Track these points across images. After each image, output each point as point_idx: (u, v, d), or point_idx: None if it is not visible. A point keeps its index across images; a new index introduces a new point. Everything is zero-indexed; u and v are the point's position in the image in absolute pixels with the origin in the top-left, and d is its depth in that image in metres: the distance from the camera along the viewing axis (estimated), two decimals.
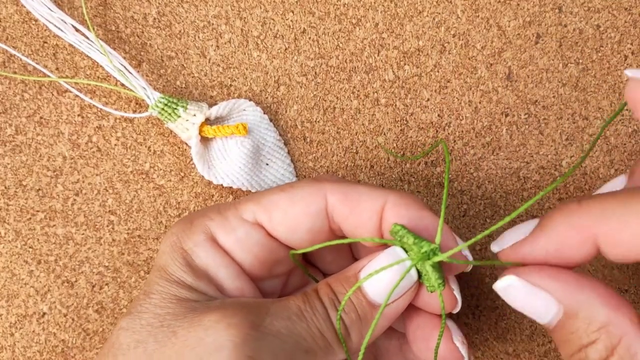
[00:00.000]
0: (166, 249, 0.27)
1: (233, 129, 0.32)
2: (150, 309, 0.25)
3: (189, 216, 0.28)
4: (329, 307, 0.25)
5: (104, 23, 0.34)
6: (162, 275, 0.26)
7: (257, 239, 0.27)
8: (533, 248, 0.24)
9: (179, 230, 0.27)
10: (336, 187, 0.27)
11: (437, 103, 0.34)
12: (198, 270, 0.27)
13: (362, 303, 0.25)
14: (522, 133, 0.34)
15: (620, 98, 0.35)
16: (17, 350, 0.33)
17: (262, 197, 0.27)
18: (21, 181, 0.34)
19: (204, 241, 0.27)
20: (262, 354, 0.23)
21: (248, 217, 0.27)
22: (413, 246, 0.24)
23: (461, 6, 0.35)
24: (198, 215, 0.28)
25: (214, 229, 0.27)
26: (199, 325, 0.24)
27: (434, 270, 0.25)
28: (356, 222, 0.26)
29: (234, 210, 0.27)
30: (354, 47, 0.35)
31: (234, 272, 0.27)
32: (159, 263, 0.27)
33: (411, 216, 0.26)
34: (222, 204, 0.29)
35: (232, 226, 0.27)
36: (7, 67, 0.34)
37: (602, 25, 0.35)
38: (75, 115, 0.34)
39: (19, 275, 0.33)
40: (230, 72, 0.34)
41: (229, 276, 0.27)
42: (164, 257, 0.27)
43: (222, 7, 0.35)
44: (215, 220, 0.27)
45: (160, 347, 0.24)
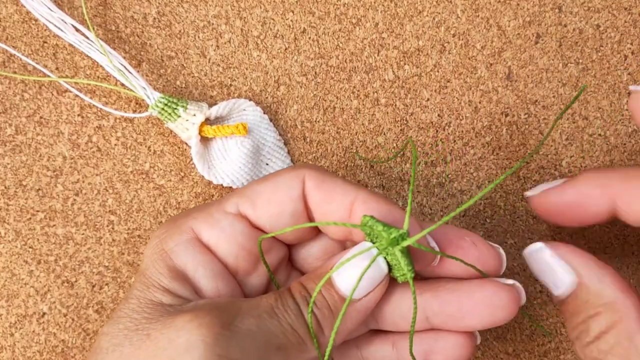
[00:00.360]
0: (148, 252, 0.28)
1: (233, 128, 0.32)
2: (128, 314, 0.26)
3: (174, 217, 0.28)
4: (301, 303, 0.26)
5: (104, 23, 0.34)
6: (141, 279, 0.27)
7: (241, 228, 0.27)
8: (561, 195, 0.28)
9: (161, 232, 0.28)
10: (314, 174, 0.27)
11: (437, 103, 0.35)
12: (176, 271, 0.27)
13: (334, 298, 0.26)
14: (522, 133, 0.34)
15: (620, 98, 0.35)
16: (17, 350, 0.33)
17: (245, 189, 0.28)
18: (21, 181, 0.33)
19: (185, 240, 0.27)
20: (233, 352, 0.23)
21: (231, 209, 0.28)
22: (382, 232, 0.25)
23: (461, 6, 0.35)
24: (182, 216, 0.28)
25: (197, 226, 0.27)
26: (171, 326, 0.24)
27: (403, 256, 0.25)
28: (327, 210, 0.27)
29: (217, 205, 0.28)
30: (354, 47, 0.35)
31: (213, 271, 0.27)
32: (141, 267, 0.28)
33: (380, 209, 0.26)
34: (205, 203, 0.29)
35: (215, 219, 0.27)
36: (7, 67, 0.34)
37: (602, 25, 0.35)
38: (75, 115, 0.34)
39: (19, 275, 0.33)
40: (230, 72, 0.34)
41: (206, 275, 0.27)
42: (145, 261, 0.28)
43: (222, 7, 0.35)
44: (198, 218, 0.28)
45: (135, 350, 0.24)
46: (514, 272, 0.34)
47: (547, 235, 0.34)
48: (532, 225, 0.34)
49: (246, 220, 0.28)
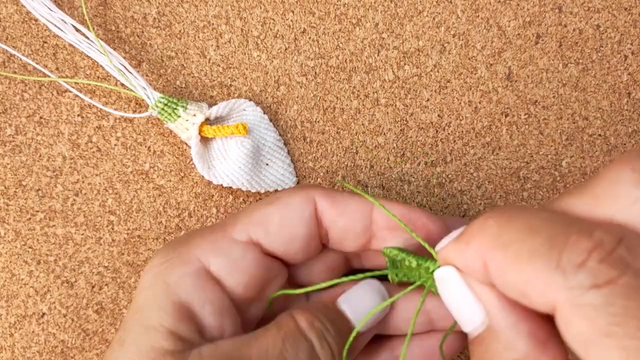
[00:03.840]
0: (147, 284, 0.25)
1: (233, 129, 0.32)
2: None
3: (172, 244, 0.26)
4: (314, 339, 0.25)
5: (104, 23, 0.34)
6: (139, 319, 0.24)
7: (253, 258, 0.26)
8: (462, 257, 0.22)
9: (161, 261, 0.26)
10: (323, 192, 0.27)
11: (437, 103, 0.34)
12: (180, 308, 0.25)
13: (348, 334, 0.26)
14: (522, 133, 0.34)
15: (620, 98, 0.35)
16: (16, 350, 0.33)
17: (252, 214, 0.26)
18: (21, 181, 0.33)
19: (192, 272, 0.25)
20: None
21: (241, 237, 0.26)
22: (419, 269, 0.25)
23: (461, 6, 0.35)
24: (182, 243, 0.26)
25: (204, 256, 0.26)
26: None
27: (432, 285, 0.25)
28: (345, 224, 0.26)
29: (222, 232, 0.26)
30: (354, 47, 0.35)
31: (220, 307, 0.25)
32: (137, 302, 0.25)
33: (401, 211, 0.26)
34: (205, 228, 0.27)
35: (224, 249, 0.26)
36: (7, 67, 0.34)
37: (602, 25, 0.35)
38: (75, 115, 0.34)
39: (19, 275, 0.33)
40: (230, 72, 0.34)
41: (214, 312, 0.25)
42: (142, 295, 0.25)
43: (222, 7, 0.35)
44: (203, 246, 0.26)
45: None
46: None
47: None
48: None
49: (258, 248, 0.26)
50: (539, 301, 0.19)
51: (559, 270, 0.18)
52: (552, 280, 0.18)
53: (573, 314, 0.17)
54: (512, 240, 0.19)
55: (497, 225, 0.20)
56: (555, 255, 0.18)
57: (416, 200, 0.34)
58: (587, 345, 0.17)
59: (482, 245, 0.21)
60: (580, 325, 0.17)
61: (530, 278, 0.19)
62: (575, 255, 0.18)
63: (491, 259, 0.20)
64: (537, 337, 0.20)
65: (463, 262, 0.22)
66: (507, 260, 0.19)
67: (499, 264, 0.20)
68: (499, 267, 0.20)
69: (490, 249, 0.20)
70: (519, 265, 0.19)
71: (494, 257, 0.20)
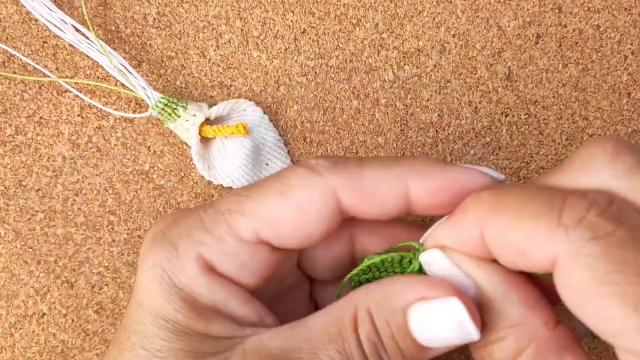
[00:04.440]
0: (154, 286, 0.23)
1: (233, 129, 0.32)
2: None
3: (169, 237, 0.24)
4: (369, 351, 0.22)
5: (104, 23, 0.34)
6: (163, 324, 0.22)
7: (263, 259, 0.24)
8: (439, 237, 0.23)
9: (162, 260, 0.23)
10: (344, 182, 0.23)
11: (437, 103, 0.35)
12: (205, 310, 0.23)
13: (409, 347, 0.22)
14: (522, 133, 0.34)
15: (620, 98, 0.35)
16: (17, 350, 0.33)
17: (260, 209, 0.23)
18: (21, 181, 0.33)
19: (201, 273, 0.23)
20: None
21: (247, 235, 0.23)
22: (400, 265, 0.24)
23: (461, 6, 0.35)
24: (181, 237, 0.24)
25: (208, 255, 0.23)
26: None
27: None
28: (378, 212, 0.24)
29: (226, 227, 0.23)
30: (354, 47, 0.35)
31: (243, 298, 0.23)
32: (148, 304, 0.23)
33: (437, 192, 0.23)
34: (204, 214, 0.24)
35: (232, 250, 0.23)
36: (7, 67, 0.34)
37: (602, 26, 0.35)
38: (75, 115, 0.34)
39: (19, 275, 0.33)
40: (230, 72, 0.34)
41: (240, 304, 0.23)
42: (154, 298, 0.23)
43: (222, 7, 0.35)
44: (206, 243, 0.23)
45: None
46: None
47: None
48: None
49: (268, 247, 0.24)
50: (539, 258, 0.19)
51: (560, 226, 0.19)
52: (554, 236, 0.19)
53: (574, 265, 0.18)
54: (510, 205, 0.20)
55: (491, 196, 0.21)
56: (555, 214, 0.19)
57: None
58: (587, 295, 0.18)
59: (479, 213, 0.21)
60: (581, 275, 0.18)
61: (531, 236, 0.19)
62: (574, 212, 0.19)
63: (489, 224, 0.21)
64: (528, 303, 0.21)
65: (457, 237, 0.22)
66: (508, 221, 0.20)
67: (499, 227, 0.20)
68: (498, 230, 0.20)
69: (488, 215, 0.21)
70: (520, 225, 0.20)
71: (493, 221, 0.21)
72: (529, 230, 0.20)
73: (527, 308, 0.21)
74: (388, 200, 0.23)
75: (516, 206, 0.20)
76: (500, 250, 0.21)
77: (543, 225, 0.19)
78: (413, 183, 0.23)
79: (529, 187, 0.21)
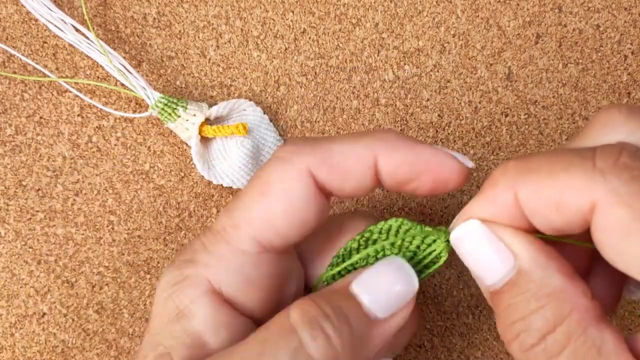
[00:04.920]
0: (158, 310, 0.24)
1: (233, 129, 0.32)
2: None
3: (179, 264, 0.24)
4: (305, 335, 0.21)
5: (104, 23, 0.34)
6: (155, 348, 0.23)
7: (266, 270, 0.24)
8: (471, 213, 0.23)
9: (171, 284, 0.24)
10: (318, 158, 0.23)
11: (437, 103, 0.35)
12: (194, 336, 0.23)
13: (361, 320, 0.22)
14: (522, 133, 0.34)
15: (620, 98, 0.35)
16: (17, 350, 0.33)
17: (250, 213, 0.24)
18: (21, 181, 0.33)
19: (202, 295, 0.23)
20: None
21: (248, 246, 0.24)
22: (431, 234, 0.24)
23: (461, 6, 0.35)
24: (189, 264, 0.24)
25: (213, 278, 0.23)
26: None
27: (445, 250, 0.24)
28: (351, 187, 0.24)
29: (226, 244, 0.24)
30: (354, 47, 0.35)
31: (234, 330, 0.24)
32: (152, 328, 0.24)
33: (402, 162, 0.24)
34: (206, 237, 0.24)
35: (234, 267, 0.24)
36: (7, 67, 0.34)
37: (602, 25, 0.35)
38: (75, 115, 0.34)
39: (19, 275, 0.33)
40: (230, 72, 0.34)
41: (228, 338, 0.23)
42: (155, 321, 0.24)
43: (222, 7, 0.35)
44: (210, 265, 0.24)
45: None
46: None
47: None
48: None
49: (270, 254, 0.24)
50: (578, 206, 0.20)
51: (596, 171, 0.19)
52: (591, 180, 0.19)
53: (615, 205, 0.19)
54: (541, 165, 0.21)
55: (520, 161, 0.21)
56: (589, 162, 0.20)
57: (416, 200, 0.34)
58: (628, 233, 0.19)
59: (511, 178, 0.21)
60: (622, 214, 0.19)
61: (568, 185, 0.20)
62: (607, 157, 0.20)
63: (523, 185, 0.21)
64: (566, 273, 0.21)
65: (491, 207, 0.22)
66: (541, 178, 0.21)
67: (533, 185, 0.21)
68: (533, 189, 0.21)
69: (520, 177, 0.21)
70: (555, 178, 0.20)
71: (526, 182, 0.21)
72: (564, 181, 0.20)
73: (567, 278, 0.21)
74: (358, 171, 0.24)
75: (547, 164, 0.21)
76: (536, 210, 0.21)
77: (578, 173, 0.20)
78: (380, 153, 0.23)
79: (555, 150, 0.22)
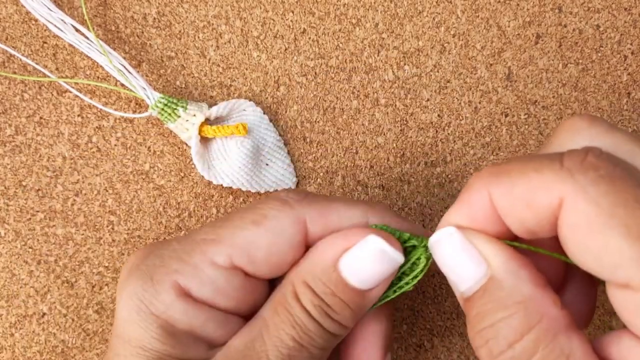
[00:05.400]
0: (131, 317, 0.24)
1: (233, 129, 0.32)
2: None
3: (143, 268, 0.25)
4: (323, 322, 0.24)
5: (104, 23, 0.34)
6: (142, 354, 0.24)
7: (237, 283, 0.25)
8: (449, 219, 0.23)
9: (138, 290, 0.24)
10: (315, 212, 0.25)
11: (437, 103, 0.35)
12: (181, 335, 0.24)
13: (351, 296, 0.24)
14: (522, 133, 0.34)
15: (620, 98, 0.35)
16: (17, 350, 0.33)
17: (234, 236, 0.25)
18: (21, 181, 0.33)
19: (176, 300, 0.24)
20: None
21: (222, 261, 0.25)
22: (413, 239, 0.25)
23: (461, 6, 0.35)
24: (158, 269, 0.25)
25: (183, 282, 0.24)
26: None
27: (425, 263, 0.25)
28: None
29: (200, 255, 0.25)
30: (354, 47, 0.35)
31: (220, 320, 0.25)
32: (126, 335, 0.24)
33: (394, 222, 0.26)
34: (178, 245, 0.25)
35: (207, 276, 0.24)
36: (7, 67, 0.34)
37: (602, 25, 0.35)
38: (75, 115, 0.34)
39: (19, 275, 0.33)
40: (230, 72, 0.34)
41: (217, 327, 0.25)
42: (132, 329, 0.24)
43: (222, 7, 0.35)
44: (182, 271, 0.24)
45: None
46: None
47: None
48: None
49: (241, 273, 0.25)
50: (547, 203, 0.21)
51: (564, 170, 0.20)
52: (560, 179, 0.20)
53: (581, 202, 0.20)
54: (513, 167, 0.22)
55: (493, 166, 0.23)
56: (557, 162, 0.21)
57: (416, 201, 0.34)
58: (593, 230, 0.20)
59: (485, 180, 0.22)
60: (588, 211, 0.20)
61: (537, 184, 0.21)
62: (575, 157, 0.21)
63: (496, 185, 0.22)
64: (537, 282, 0.22)
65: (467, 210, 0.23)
66: (513, 178, 0.21)
67: (505, 184, 0.22)
68: (505, 187, 0.22)
69: (494, 178, 0.22)
70: (526, 177, 0.21)
71: (499, 182, 0.22)
72: (534, 180, 0.21)
73: (537, 286, 0.22)
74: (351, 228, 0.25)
75: (519, 166, 0.22)
76: (508, 209, 0.22)
77: (548, 172, 0.21)
78: (372, 219, 0.26)
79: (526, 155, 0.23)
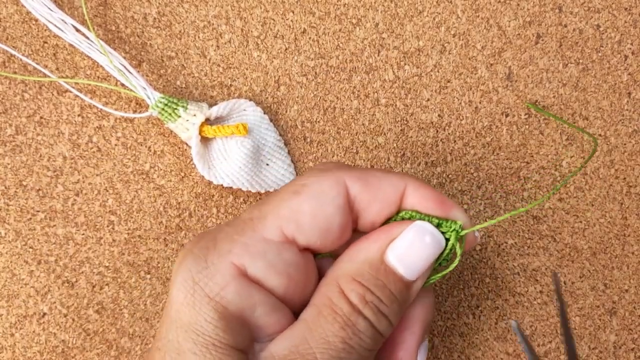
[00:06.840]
0: (186, 299, 0.24)
1: (233, 129, 0.32)
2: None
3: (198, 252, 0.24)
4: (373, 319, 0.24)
5: (104, 23, 0.34)
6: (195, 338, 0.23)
7: (289, 257, 0.25)
8: None
9: (193, 273, 0.24)
10: (354, 174, 0.25)
11: (437, 103, 0.35)
12: (232, 319, 0.24)
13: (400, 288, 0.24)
14: (522, 133, 0.34)
15: (620, 98, 0.35)
16: (17, 350, 0.33)
17: (280, 207, 0.25)
18: (21, 181, 0.33)
19: (232, 280, 0.24)
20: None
21: (273, 235, 0.24)
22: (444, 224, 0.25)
23: (461, 6, 0.35)
24: (211, 250, 0.24)
25: (238, 261, 0.24)
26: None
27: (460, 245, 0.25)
28: (378, 208, 0.26)
29: (251, 232, 0.24)
30: (354, 47, 0.35)
31: (270, 306, 0.24)
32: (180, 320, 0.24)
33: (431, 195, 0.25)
34: (229, 227, 0.25)
35: (259, 251, 0.24)
36: (7, 67, 0.34)
37: (602, 25, 0.35)
38: (76, 115, 0.34)
39: (19, 275, 0.33)
40: (231, 72, 0.34)
41: (266, 312, 0.24)
42: (186, 311, 0.23)
43: (222, 7, 0.35)
44: (235, 251, 0.24)
45: None
46: (514, 272, 0.34)
47: (547, 236, 0.34)
48: (532, 225, 0.34)
49: (293, 246, 0.25)
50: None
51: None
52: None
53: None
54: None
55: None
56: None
57: None
58: None
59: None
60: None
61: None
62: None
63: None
64: None
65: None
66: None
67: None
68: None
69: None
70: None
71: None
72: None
73: None
74: (388, 193, 0.25)
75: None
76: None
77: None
78: (410, 185, 0.26)
79: None
